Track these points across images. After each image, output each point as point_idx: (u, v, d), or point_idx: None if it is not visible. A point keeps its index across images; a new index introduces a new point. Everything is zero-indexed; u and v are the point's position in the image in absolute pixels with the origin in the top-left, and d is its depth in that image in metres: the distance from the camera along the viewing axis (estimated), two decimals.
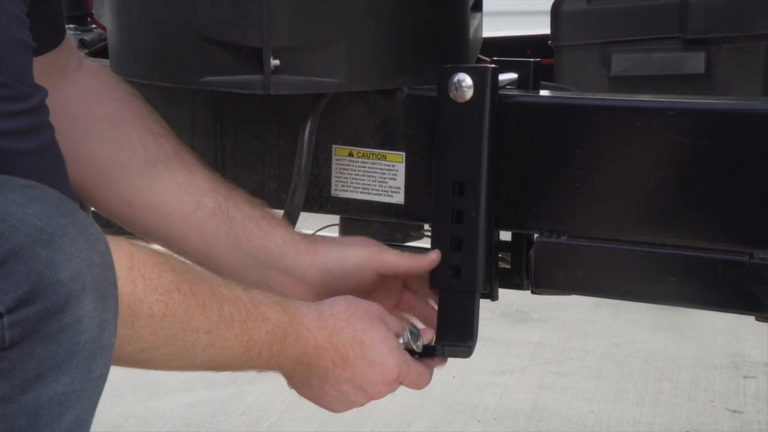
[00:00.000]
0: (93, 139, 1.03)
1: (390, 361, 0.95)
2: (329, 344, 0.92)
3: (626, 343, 2.42)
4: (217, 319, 0.82)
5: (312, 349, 0.92)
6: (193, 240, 1.04)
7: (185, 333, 0.80)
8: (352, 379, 0.94)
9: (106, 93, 1.04)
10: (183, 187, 1.03)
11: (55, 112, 1.02)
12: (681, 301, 1.01)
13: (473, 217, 1.02)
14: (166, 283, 0.78)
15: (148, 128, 1.04)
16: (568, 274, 1.03)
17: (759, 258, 0.95)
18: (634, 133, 0.99)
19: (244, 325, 0.85)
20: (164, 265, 0.79)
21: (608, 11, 1.22)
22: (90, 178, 1.03)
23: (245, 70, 1.03)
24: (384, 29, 1.05)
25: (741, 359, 2.33)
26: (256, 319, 0.87)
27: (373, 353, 0.94)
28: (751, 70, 1.20)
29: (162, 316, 0.78)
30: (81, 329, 0.69)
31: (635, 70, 1.22)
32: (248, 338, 0.86)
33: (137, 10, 1.08)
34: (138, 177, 1.03)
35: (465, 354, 1.04)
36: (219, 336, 0.83)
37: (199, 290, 0.82)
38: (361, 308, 0.96)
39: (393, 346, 0.96)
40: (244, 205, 1.05)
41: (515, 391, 2.18)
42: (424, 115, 1.08)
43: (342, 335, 0.93)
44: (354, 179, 1.12)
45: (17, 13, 0.74)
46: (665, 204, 0.99)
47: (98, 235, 0.71)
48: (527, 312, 2.61)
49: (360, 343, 0.94)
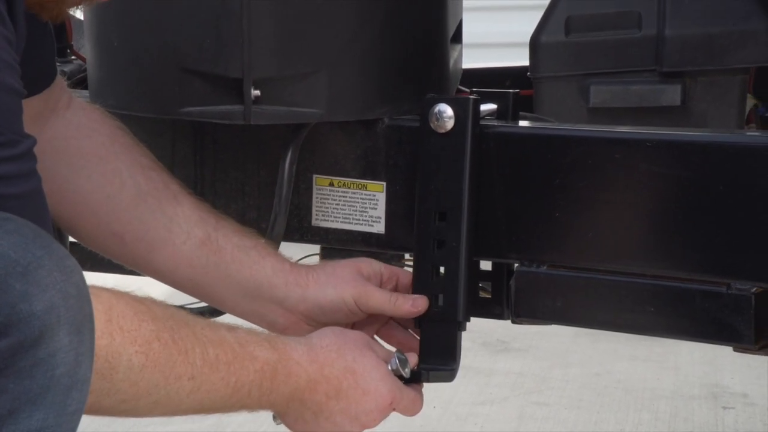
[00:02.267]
0: (82, 175, 1.03)
1: (383, 388, 0.95)
2: (321, 377, 0.92)
3: (606, 373, 2.42)
4: (202, 363, 0.82)
5: (304, 384, 0.91)
6: (184, 271, 1.04)
7: (168, 381, 0.79)
8: (347, 410, 0.93)
9: (95, 128, 1.05)
10: (173, 218, 1.03)
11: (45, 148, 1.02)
12: (660, 332, 1.02)
13: (454, 246, 1.02)
14: (146, 334, 0.77)
15: (137, 162, 1.05)
16: (548, 304, 1.03)
17: (736, 289, 0.96)
18: (612, 164, 1.00)
19: (230, 367, 0.85)
20: (144, 314, 0.78)
21: (586, 44, 1.23)
22: (79, 213, 1.03)
23: (226, 101, 1.03)
24: (365, 60, 1.06)
25: (720, 390, 2.34)
26: (244, 359, 0.86)
27: (366, 382, 0.94)
28: (726, 102, 1.22)
29: (142, 367, 0.77)
30: (56, 363, 0.68)
31: (613, 102, 1.23)
32: (236, 379, 0.85)
33: (117, 41, 1.08)
34: (128, 210, 1.03)
35: (448, 378, 1.04)
36: (204, 380, 0.82)
37: (182, 336, 0.81)
38: (350, 338, 0.96)
39: (384, 372, 0.96)
40: (233, 234, 1.05)
41: (496, 422, 2.18)
42: (404, 145, 1.08)
43: (334, 367, 0.93)
44: (335, 209, 1.12)
45: (8, 60, 0.74)
46: (644, 234, 0.99)
47: (74, 267, 0.71)
48: (508, 342, 2.61)
49: (352, 372, 0.94)
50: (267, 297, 1.04)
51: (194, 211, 1.05)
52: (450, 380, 1.04)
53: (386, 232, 1.10)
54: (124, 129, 1.07)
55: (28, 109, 0.99)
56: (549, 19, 1.25)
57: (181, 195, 1.05)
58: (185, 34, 1.03)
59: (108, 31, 1.09)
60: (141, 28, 1.06)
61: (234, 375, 0.85)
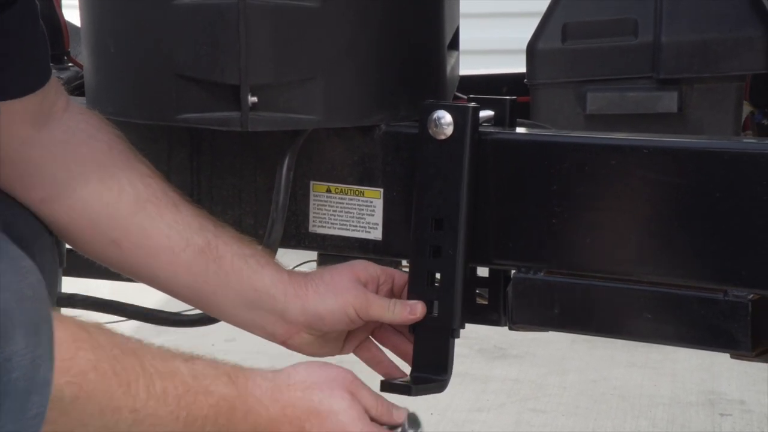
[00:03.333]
0: (80, 182, 1.02)
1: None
2: (284, 417, 0.89)
3: (603, 380, 2.42)
4: (146, 396, 0.79)
5: (265, 422, 0.89)
6: (182, 278, 1.03)
7: (104, 413, 0.77)
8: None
9: (92, 135, 1.04)
10: (172, 225, 1.02)
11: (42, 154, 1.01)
12: (657, 338, 1.02)
13: (451, 253, 1.02)
14: (82, 363, 0.75)
15: (135, 169, 1.04)
16: (545, 311, 1.03)
17: (733, 295, 0.96)
18: (609, 171, 1.00)
19: (180, 401, 0.82)
20: (84, 342, 0.76)
21: (582, 51, 1.23)
22: (77, 220, 1.02)
23: (223, 107, 1.03)
24: (362, 66, 1.06)
25: (717, 397, 2.34)
26: (197, 393, 0.84)
27: (332, 425, 0.90)
28: (722, 109, 1.22)
29: (74, 398, 0.75)
30: (11, 368, 0.66)
31: (610, 109, 1.23)
32: (186, 413, 0.83)
33: (114, 48, 1.08)
34: (126, 218, 1.02)
35: (438, 389, 1.03)
36: (148, 414, 0.80)
37: (125, 367, 0.78)
38: (324, 377, 0.92)
39: (355, 416, 0.92)
40: (233, 242, 1.04)
41: (493, 429, 2.17)
42: (401, 151, 1.08)
43: (297, 408, 0.90)
44: (332, 215, 1.12)
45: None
46: (640, 241, 0.99)
47: (30, 269, 0.69)
48: (505, 348, 2.61)
49: (316, 414, 0.90)
50: (266, 308, 1.03)
51: (194, 219, 1.04)
52: (440, 391, 1.03)
53: (383, 239, 1.10)
54: (122, 137, 1.06)
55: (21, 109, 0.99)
56: (546, 25, 1.25)
57: (180, 203, 1.05)
58: (182, 41, 1.03)
59: (105, 37, 1.09)
60: (137, 35, 1.06)
61: (185, 409, 0.82)
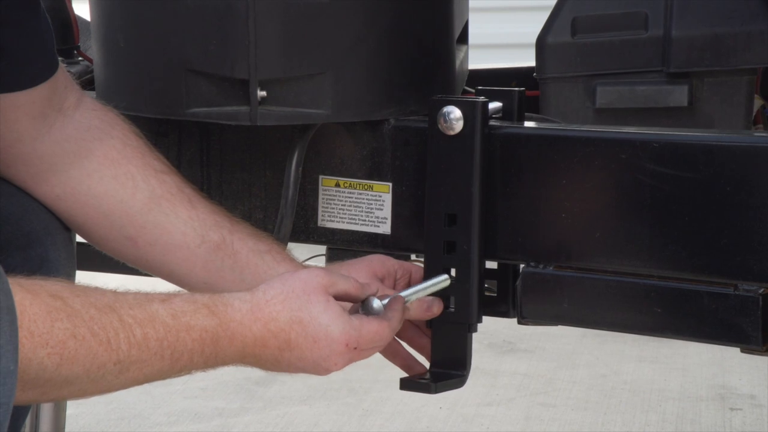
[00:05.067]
0: (94, 178, 1.02)
1: (334, 332, 0.92)
2: (268, 332, 0.90)
3: (613, 374, 2.42)
4: (127, 347, 0.82)
5: (251, 342, 0.90)
6: (198, 274, 1.03)
7: (89, 372, 0.79)
8: (303, 358, 0.92)
9: (106, 131, 1.04)
10: (187, 222, 1.03)
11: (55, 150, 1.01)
12: (667, 333, 1.01)
13: (465, 249, 1.02)
14: (59, 334, 0.77)
15: (150, 165, 1.04)
16: (555, 305, 1.03)
17: (744, 290, 0.95)
18: (619, 165, 1.00)
19: (163, 342, 0.84)
20: (59, 312, 0.77)
21: (592, 45, 1.23)
22: (92, 217, 1.03)
23: (232, 102, 1.03)
24: (371, 61, 1.06)
25: (727, 391, 2.33)
26: (178, 331, 0.85)
27: (315, 329, 0.92)
28: (733, 103, 1.21)
29: (57, 366, 0.77)
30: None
31: (620, 103, 1.23)
32: (171, 351, 0.85)
33: (123, 42, 1.08)
34: (141, 214, 1.02)
35: (459, 384, 1.04)
36: (132, 361, 0.82)
37: (103, 325, 0.80)
38: (298, 284, 0.93)
39: (334, 315, 0.93)
40: (248, 238, 1.04)
41: (502, 423, 2.17)
42: (410, 145, 1.08)
43: (279, 321, 0.91)
44: (341, 209, 1.12)
45: None
46: (651, 235, 0.99)
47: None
48: (514, 342, 2.61)
49: (299, 322, 0.91)
50: None
51: (209, 215, 1.04)
52: (460, 386, 1.04)
53: (392, 233, 1.10)
54: (137, 132, 1.06)
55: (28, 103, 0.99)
56: (555, 19, 1.25)
57: (195, 198, 1.05)
58: (191, 35, 1.03)
59: (114, 32, 1.09)
60: (147, 29, 1.06)
61: (168, 348, 0.84)
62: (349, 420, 2.18)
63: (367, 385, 2.32)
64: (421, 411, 2.20)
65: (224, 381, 2.32)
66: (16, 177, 1.01)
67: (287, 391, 2.29)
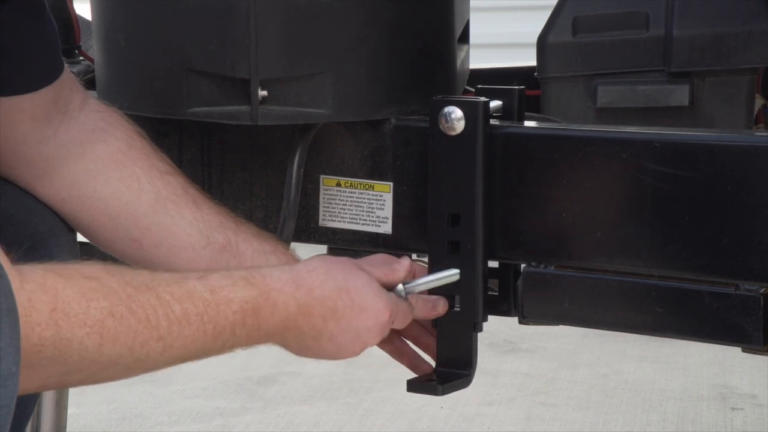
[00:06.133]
0: (99, 180, 1.02)
1: (380, 303, 0.93)
2: (313, 300, 0.90)
3: (614, 374, 2.42)
4: (167, 323, 0.81)
5: (295, 310, 0.89)
6: None
7: (132, 350, 0.79)
8: (347, 329, 0.92)
9: (110, 133, 1.04)
10: (192, 223, 1.03)
11: (60, 152, 1.02)
12: (668, 332, 1.01)
13: (470, 248, 1.02)
14: (96, 314, 0.76)
15: (155, 167, 1.04)
16: (556, 305, 1.03)
17: (745, 290, 0.95)
18: (620, 165, 1.00)
19: (203, 317, 0.83)
20: (95, 292, 0.77)
21: (593, 44, 1.23)
22: (97, 219, 1.03)
23: (233, 101, 1.03)
24: (371, 60, 1.06)
25: (728, 391, 2.33)
26: (218, 304, 0.85)
27: (362, 298, 0.92)
28: (734, 103, 1.21)
29: (98, 346, 0.76)
30: None
31: (620, 102, 1.23)
32: (213, 326, 0.84)
33: (124, 42, 1.08)
34: (147, 216, 1.02)
35: (465, 384, 1.04)
36: (175, 338, 0.82)
37: (141, 303, 0.80)
38: (336, 261, 0.94)
39: (378, 288, 0.94)
40: (253, 239, 1.04)
41: (503, 423, 2.17)
42: (411, 145, 1.08)
43: (325, 287, 0.91)
44: (342, 209, 1.12)
45: None
46: (651, 235, 0.99)
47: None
48: (515, 342, 2.61)
49: (346, 291, 0.91)
50: None
51: (214, 216, 1.04)
52: (466, 386, 1.04)
53: (393, 233, 1.10)
54: (141, 133, 1.06)
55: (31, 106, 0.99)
56: (556, 19, 1.25)
57: (200, 200, 1.05)
58: (192, 35, 1.03)
59: (115, 31, 1.10)
60: (148, 29, 1.06)
61: (210, 323, 0.84)
62: (349, 420, 2.18)
63: (367, 385, 2.32)
64: (422, 411, 2.20)
65: (225, 381, 2.32)
66: (21, 179, 1.02)
67: (288, 390, 2.29)
